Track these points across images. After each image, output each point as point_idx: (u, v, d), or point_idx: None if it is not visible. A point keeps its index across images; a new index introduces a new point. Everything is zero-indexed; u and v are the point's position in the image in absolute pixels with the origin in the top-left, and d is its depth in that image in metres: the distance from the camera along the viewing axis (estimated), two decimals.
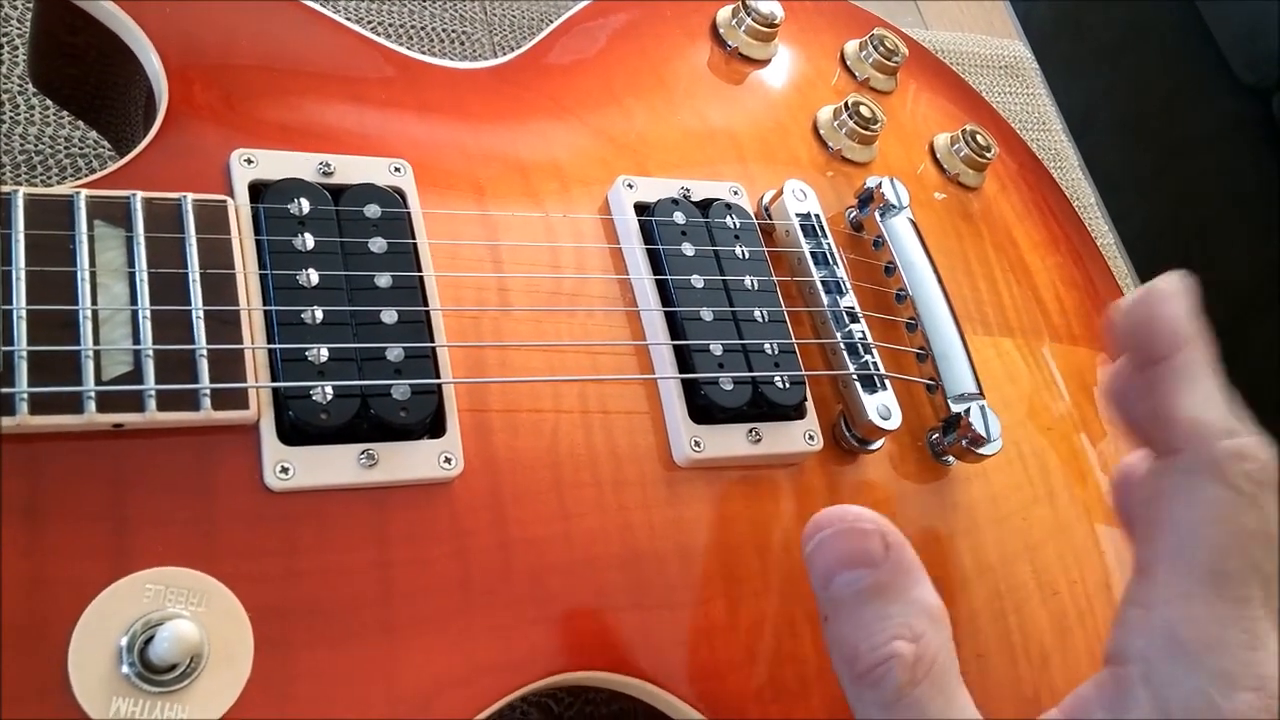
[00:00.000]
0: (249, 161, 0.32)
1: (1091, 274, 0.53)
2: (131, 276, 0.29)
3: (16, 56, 0.44)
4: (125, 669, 0.26)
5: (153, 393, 0.28)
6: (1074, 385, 0.48)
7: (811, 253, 0.40)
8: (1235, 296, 1.15)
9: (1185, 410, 0.28)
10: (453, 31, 0.55)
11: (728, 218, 0.39)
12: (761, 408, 0.36)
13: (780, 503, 0.36)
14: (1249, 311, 1.13)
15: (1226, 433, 0.28)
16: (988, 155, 0.50)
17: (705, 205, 0.40)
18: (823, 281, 0.40)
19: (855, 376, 0.38)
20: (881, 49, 0.50)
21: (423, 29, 0.54)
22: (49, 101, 0.43)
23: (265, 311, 0.30)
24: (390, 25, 0.54)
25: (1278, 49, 1.12)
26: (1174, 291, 0.30)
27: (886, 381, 0.39)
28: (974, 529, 0.40)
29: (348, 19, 0.38)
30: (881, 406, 0.38)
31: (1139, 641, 0.27)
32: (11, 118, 0.43)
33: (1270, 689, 0.26)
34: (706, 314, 0.37)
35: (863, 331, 0.40)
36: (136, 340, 0.28)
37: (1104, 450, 0.47)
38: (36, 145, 0.43)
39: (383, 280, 0.32)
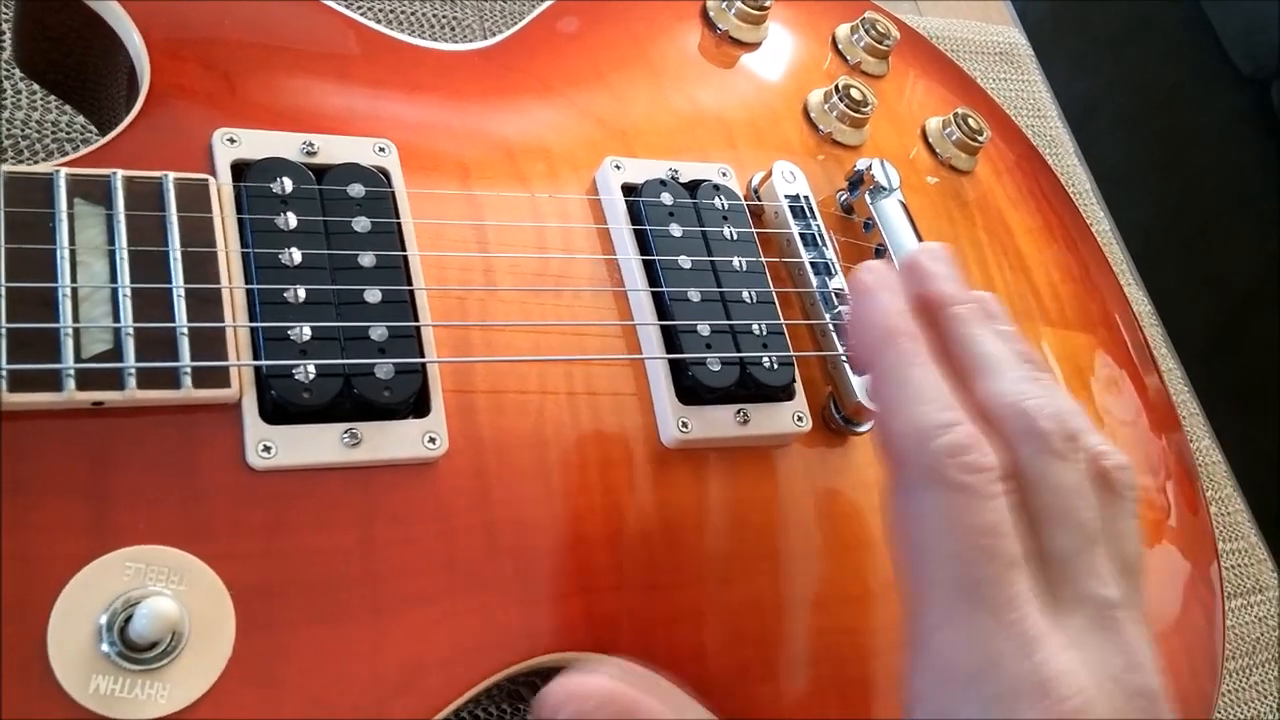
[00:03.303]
0: (231, 140, 0.32)
1: (1086, 261, 0.53)
2: (112, 254, 0.29)
3: (1, 41, 0.44)
4: (105, 647, 0.26)
5: (133, 371, 0.27)
6: (1067, 370, 0.47)
7: (801, 234, 0.40)
8: (1235, 288, 1.15)
9: (896, 418, 0.27)
10: (443, 17, 0.55)
11: (716, 199, 0.39)
12: (749, 388, 0.36)
13: (768, 484, 0.36)
14: (1249, 303, 1.13)
15: (937, 429, 0.26)
16: (980, 139, 0.49)
17: (693, 186, 0.39)
18: (812, 263, 0.40)
19: (844, 357, 0.38)
20: (873, 32, 0.50)
21: (413, 15, 0.54)
22: (35, 86, 0.43)
23: (247, 290, 0.30)
24: (381, 11, 0.54)
25: (1278, 40, 1.11)
26: (873, 285, 0.28)
27: None
28: None
29: (335, 2, 0.38)
30: (871, 388, 0.38)
31: (918, 682, 0.25)
32: None
33: (1058, 692, 0.23)
34: (694, 295, 0.36)
35: None
36: (116, 318, 0.28)
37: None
38: (23, 130, 0.42)
39: (366, 259, 0.32)
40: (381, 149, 0.34)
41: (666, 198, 0.38)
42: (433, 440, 0.31)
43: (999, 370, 0.28)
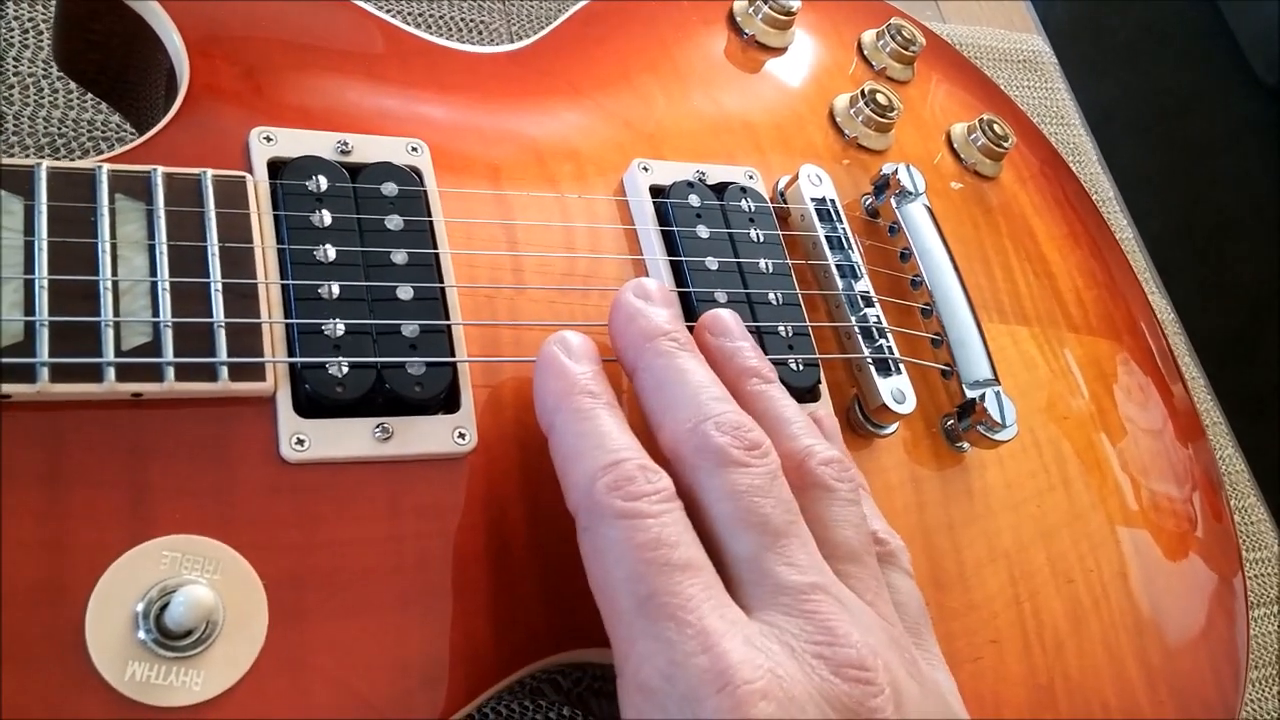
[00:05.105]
0: (268, 139, 0.33)
1: (1111, 268, 0.53)
2: (151, 249, 0.29)
3: (41, 41, 0.45)
4: (141, 634, 0.26)
5: (171, 363, 0.28)
6: (1091, 376, 0.47)
7: (827, 237, 0.40)
8: (1252, 297, 1.14)
9: (567, 476, 0.28)
10: (471, 21, 0.55)
11: (743, 201, 0.39)
12: None
13: None
14: (1265, 311, 1.12)
15: (601, 470, 0.27)
16: (1005, 145, 0.50)
17: (720, 189, 0.40)
18: (838, 266, 0.40)
19: (870, 360, 0.38)
20: (899, 38, 0.50)
21: (442, 18, 0.55)
22: (72, 85, 0.44)
23: (283, 286, 0.30)
24: (410, 15, 0.54)
25: None
26: (546, 360, 0.30)
27: (901, 366, 0.39)
28: (989, 515, 0.40)
29: (365, 4, 0.39)
30: (896, 390, 0.38)
31: (625, 712, 0.26)
32: (36, 101, 0.43)
33: (739, 677, 0.24)
34: (721, 296, 0.37)
35: (877, 316, 0.39)
36: (156, 312, 0.28)
37: (1121, 443, 0.46)
38: (60, 128, 0.43)
39: (399, 257, 0.32)
40: (414, 148, 0.35)
41: (694, 199, 0.39)
42: (462, 436, 0.31)
43: (683, 400, 0.29)
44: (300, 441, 0.29)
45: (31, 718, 0.24)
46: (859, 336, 0.39)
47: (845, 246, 0.40)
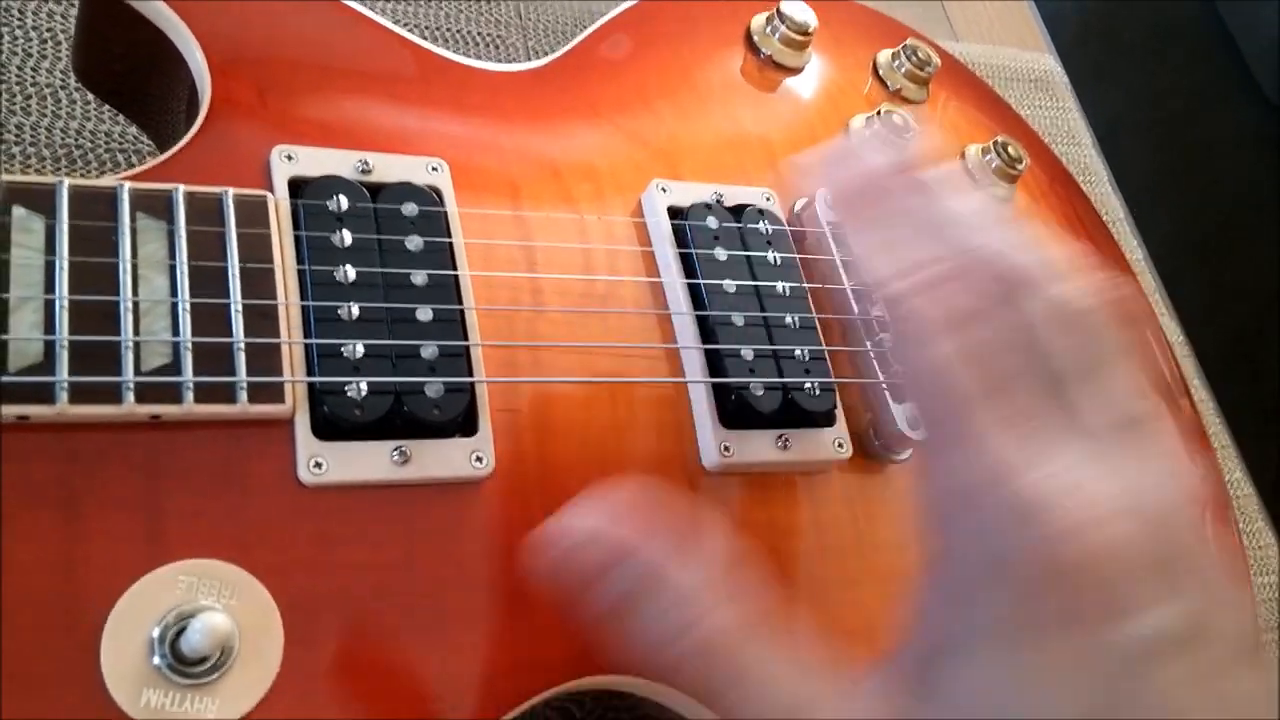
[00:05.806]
0: (289, 158, 0.33)
1: None
2: (172, 269, 0.29)
3: (60, 51, 0.44)
4: (157, 660, 0.26)
5: (190, 385, 0.28)
6: None
7: (843, 261, 0.40)
8: (1258, 309, 1.14)
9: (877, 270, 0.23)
10: (488, 35, 0.55)
11: (760, 223, 0.39)
12: (792, 414, 0.36)
13: (806, 509, 0.36)
14: (1271, 323, 1.13)
15: (915, 267, 0.23)
16: (1019, 167, 0.49)
17: (738, 210, 0.40)
18: (854, 290, 0.40)
19: (885, 385, 0.38)
20: (914, 59, 0.50)
21: (458, 32, 0.55)
22: (90, 96, 0.44)
23: (303, 306, 0.30)
24: (426, 28, 0.54)
25: None
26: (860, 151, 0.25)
27: None
28: None
29: (385, 21, 0.38)
30: (911, 416, 0.38)
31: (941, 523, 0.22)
32: (53, 112, 0.43)
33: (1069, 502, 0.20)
34: (738, 318, 0.37)
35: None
36: (176, 332, 0.28)
37: None
38: (77, 140, 0.43)
39: (418, 278, 0.32)
40: (434, 168, 0.35)
41: (711, 221, 0.38)
42: (479, 459, 0.31)
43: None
44: (318, 465, 0.29)
45: None
46: (875, 361, 0.39)
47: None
